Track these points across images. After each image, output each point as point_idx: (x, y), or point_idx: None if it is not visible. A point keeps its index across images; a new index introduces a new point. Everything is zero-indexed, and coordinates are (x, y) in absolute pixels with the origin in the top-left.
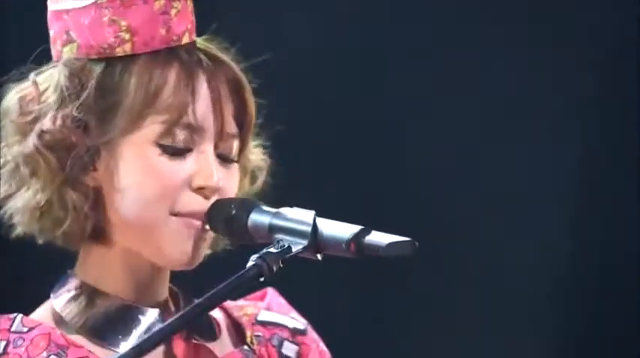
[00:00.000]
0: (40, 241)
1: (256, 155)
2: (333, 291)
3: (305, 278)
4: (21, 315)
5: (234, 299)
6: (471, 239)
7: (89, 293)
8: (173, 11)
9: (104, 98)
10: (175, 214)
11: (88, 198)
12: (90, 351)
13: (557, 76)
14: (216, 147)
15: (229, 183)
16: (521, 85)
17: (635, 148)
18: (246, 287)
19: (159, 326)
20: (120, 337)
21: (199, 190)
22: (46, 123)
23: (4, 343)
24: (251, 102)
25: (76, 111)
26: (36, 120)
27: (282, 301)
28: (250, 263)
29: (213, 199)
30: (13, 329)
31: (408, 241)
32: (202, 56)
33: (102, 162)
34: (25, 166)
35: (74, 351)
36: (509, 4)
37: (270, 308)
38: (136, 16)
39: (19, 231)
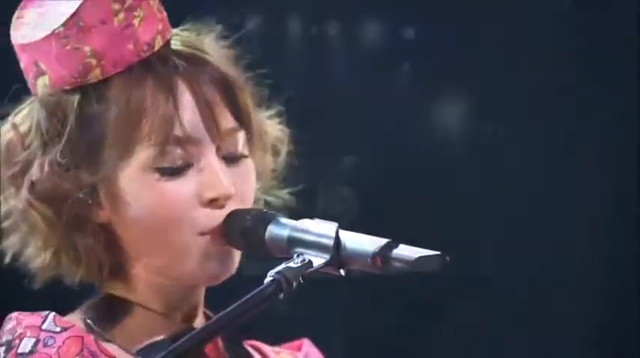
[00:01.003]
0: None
1: (272, 127)
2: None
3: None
4: (54, 313)
5: (252, 316)
6: (473, 241)
7: (119, 306)
8: (136, 21)
9: (87, 133)
10: (202, 233)
11: (99, 237)
12: None
13: (557, 76)
14: (218, 149)
15: (243, 183)
16: (522, 85)
17: (635, 149)
18: (265, 304)
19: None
20: (154, 351)
21: (212, 202)
22: (34, 173)
23: (33, 340)
24: (243, 96)
25: (60, 157)
26: (24, 169)
27: (318, 352)
28: (268, 278)
29: (230, 205)
30: (44, 327)
31: (437, 255)
32: (179, 61)
33: (103, 198)
34: (23, 223)
35: None
36: (509, 4)
37: (308, 356)
38: (98, 38)
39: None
